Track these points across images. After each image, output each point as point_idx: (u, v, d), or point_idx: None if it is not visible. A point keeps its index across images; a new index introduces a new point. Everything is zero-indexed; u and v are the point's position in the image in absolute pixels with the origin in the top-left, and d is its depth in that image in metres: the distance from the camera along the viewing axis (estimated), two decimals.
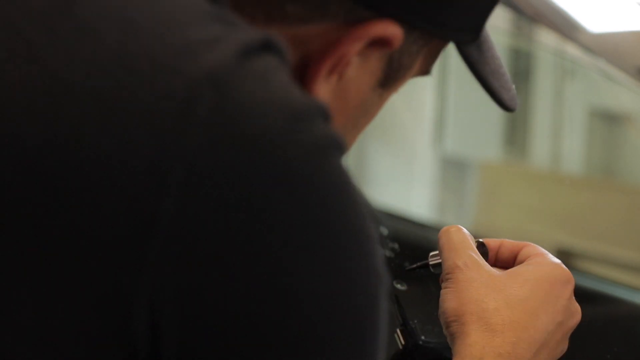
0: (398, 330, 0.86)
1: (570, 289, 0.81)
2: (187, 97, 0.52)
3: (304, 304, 0.53)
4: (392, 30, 0.60)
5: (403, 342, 0.86)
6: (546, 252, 0.83)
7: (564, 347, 0.81)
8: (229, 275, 0.52)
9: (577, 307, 0.81)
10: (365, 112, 0.67)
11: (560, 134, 3.29)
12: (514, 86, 0.72)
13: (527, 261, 0.82)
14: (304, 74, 0.61)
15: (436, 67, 0.69)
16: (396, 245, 1.06)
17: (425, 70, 0.69)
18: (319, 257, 0.53)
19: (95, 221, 0.51)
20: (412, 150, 3.58)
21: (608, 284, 1.53)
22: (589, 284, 1.46)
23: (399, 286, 0.88)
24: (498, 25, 2.19)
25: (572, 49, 1.71)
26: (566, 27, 1.50)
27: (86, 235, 0.51)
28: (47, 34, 0.54)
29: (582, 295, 0.80)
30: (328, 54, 0.60)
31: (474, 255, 0.80)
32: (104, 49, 0.53)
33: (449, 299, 0.78)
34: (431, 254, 0.85)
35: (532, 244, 0.85)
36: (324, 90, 0.62)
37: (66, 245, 0.51)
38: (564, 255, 2.62)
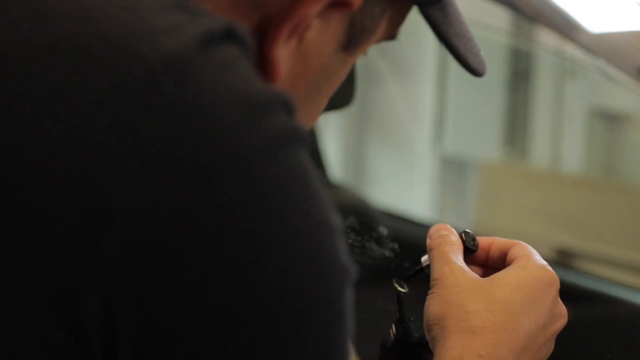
0: (393, 326, 0.87)
1: (554, 291, 0.80)
2: (145, 84, 0.51)
3: (264, 299, 0.52)
4: None
5: (395, 332, 0.87)
6: (533, 252, 0.82)
7: (548, 350, 0.80)
8: (187, 270, 0.51)
9: (562, 310, 0.81)
10: (328, 77, 0.66)
11: (560, 134, 3.29)
12: (482, 52, 0.71)
13: (512, 264, 0.82)
14: (263, 38, 0.60)
15: (436, 67, 0.69)
16: (396, 245, 1.06)
17: (390, 35, 0.68)
18: (279, 250, 0.52)
19: (49, 212, 0.50)
20: (412, 150, 3.58)
21: (608, 284, 1.52)
22: (589, 284, 1.46)
23: (400, 288, 0.88)
24: (498, 25, 2.18)
25: (572, 49, 1.70)
26: (566, 27, 1.50)
27: (39, 226, 0.50)
28: (2, 21, 0.53)
29: (582, 295, 0.80)
30: (287, 17, 0.59)
31: (457, 262, 0.81)
32: (61, 36, 0.52)
33: (432, 304, 0.79)
34: (423, 258, 0.86)
35: (522, 243, 0.84)
36: (284, 54, 0.60)
37: (18, 236, 0.50)
38: (564, 255, 2.62)
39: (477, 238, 0.86)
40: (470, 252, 0.85)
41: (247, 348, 0.53)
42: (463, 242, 0.85)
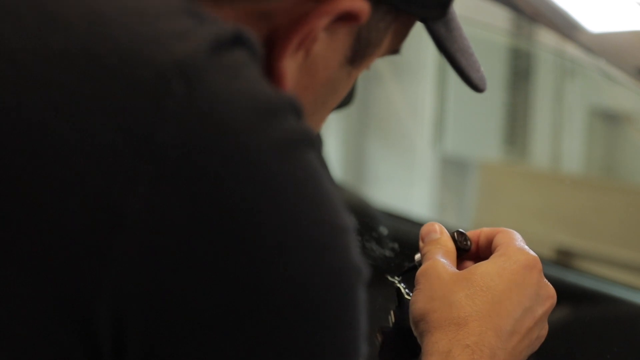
0: (392, 312, 0.88)
1: (536, 274, 0.80)
2: (156, 89, 0.51)
3: (276, 300, 0.52)
4: (358, 4, 0.60)
5: (394, 320, 0.88)
6: (514, 237, 0.83)
7: (540, 332, 0.81)
8: (199, 273, 0.51)
9: (548, 291, 0.81)
10: (333, 90, 0.66)
11: (560, 134, 3.29)
12: (482, 68, 0.72)
13: (494, 252, 0.83)
14: (270, 51, 0.60)
15: (436, 67, 0.69)
16: (396, 245, 1.06)
17: (394, 49, 0.69)
18: (291, 252, 0.52)
19: (61, 215, 0.50)
20: (412, 150, 3.58)
21: (608, 284, 1.53)
22: (589, 284, 1.46)
23: (406, 296, 0.88)
24: (498, 25, 2.18)
25: (572, 49, 1.70)
26: (566, 27, 1.50)
27: (51, 229, 0.50)
28: (13, 25, 0.53)
29: (582, 295, 0.80)
30: (295, 30, 0.59)
31: (440, 259, 0.82)
32: (71, 41, 0.53)
33: (416, 301, 0.80)
34: (416, 256, 0.87)
35: (504, 229, 0.85)
36: (291, 66, 0.61)
37: (30, 240, 0.50)
38: (564, 255, 2.62)
39: (467, 233, 0.87)
40: (463, 251, 0.86)
41: (259, 349, 0.53)
42: (455, 242, 0.85)
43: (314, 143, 0.55)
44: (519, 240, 0.83)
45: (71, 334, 0.51)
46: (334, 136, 3.60)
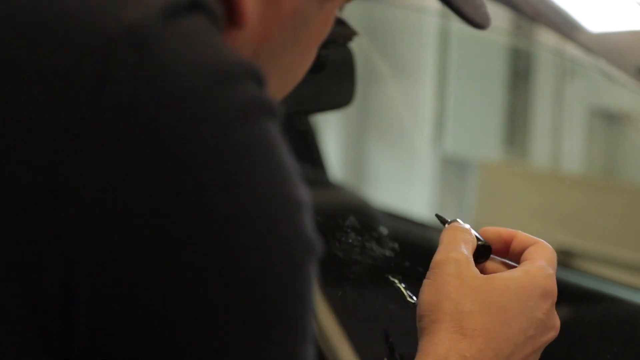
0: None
1: (549, 303, 0.79)
2: (104, 58, 0.50)
3: (225, 271, 0.51)
4: None
5: None
6: (542, 256, 0.81)
7: (536, 357, 0.79)
8: (147, 241, 0.50)
9: (555, 323, 0.80)
10: (304, 24, 0.63)
11: (560, 134, 3.29)
12: (486, 5, 0.69)
13: (520, 265, 0.81)
14: None
15: (436, 67, 0.68)
16: (396, 245, 1.06)
17: None
18: (241, 222, 0.51)
19: (8, 186, 0.50)
20: (412, 150, 3.58)
21: (608, 284, 1.53)
22: (589, 284, 1.46)
23: (409, 299, 0.87)
24: (498, 25, 2.19)
25: (572, 49, 1.71)
26: (566, 27, 1.50)
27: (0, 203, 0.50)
28: None
29: (582, 295, 0.80)
30: None
31: (464, 252, 0.79)
32: (17, 13, 0.52)
33: (427, 292, 0.77)
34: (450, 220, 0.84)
35: (543, 244, 0.82)
36: None
37: None
38: (564, 255, 2.62)
39: (500, 229, 0.83)
40: (480, 257, 0.82)
41: (206, 321, 0.52)
42: (477, 244, 0.82)
43: (275, 112, 0.53)
44: (546, 261, 0.81)
45: (27, 315, 0.50)
46: (334, 136, 3.61)
